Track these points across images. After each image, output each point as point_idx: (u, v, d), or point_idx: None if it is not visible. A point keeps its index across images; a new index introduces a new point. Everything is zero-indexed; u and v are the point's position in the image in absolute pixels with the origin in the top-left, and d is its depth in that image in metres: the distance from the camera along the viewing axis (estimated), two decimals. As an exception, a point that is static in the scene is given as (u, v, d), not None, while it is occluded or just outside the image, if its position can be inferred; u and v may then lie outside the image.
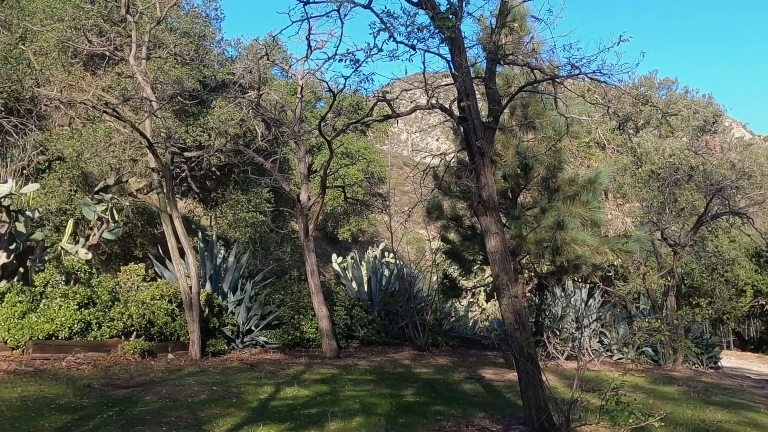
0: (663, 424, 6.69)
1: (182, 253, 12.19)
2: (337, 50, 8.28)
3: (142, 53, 12.94)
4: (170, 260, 12.52)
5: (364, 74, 8.25)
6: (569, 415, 6.48)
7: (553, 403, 6.74)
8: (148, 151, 12.06)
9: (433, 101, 7.53)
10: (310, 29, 10.08)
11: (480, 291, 19.73)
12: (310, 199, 13.47)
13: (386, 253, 20.00)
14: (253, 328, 13.06)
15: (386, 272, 16.48)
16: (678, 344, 14.37)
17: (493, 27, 7.69)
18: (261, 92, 14.12)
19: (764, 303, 30.82)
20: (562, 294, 15.75)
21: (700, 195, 18.55)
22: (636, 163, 28.99)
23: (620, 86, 8.64)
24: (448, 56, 7.22)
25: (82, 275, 11.82)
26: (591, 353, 13.65)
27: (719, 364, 16.70)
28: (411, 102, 9.60)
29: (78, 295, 10.91)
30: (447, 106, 7.53)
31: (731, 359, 24.21)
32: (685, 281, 27.45)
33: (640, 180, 25.79)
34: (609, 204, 21.94)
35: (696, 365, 15.60)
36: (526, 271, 13.14)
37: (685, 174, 21.48)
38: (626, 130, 35.10)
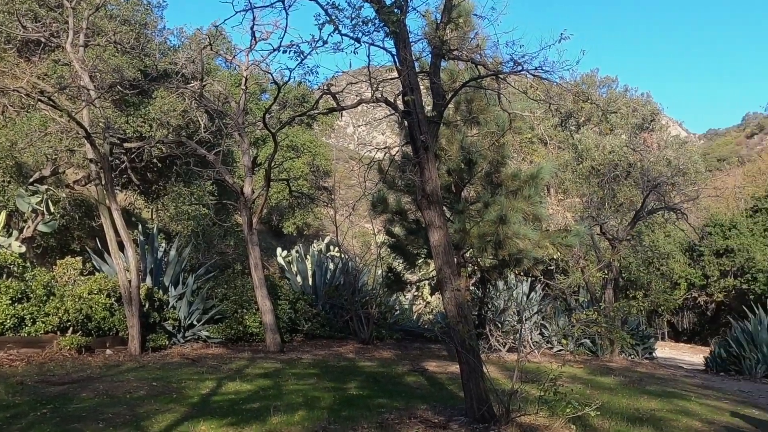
0: (599, 413, 6.88)
1: (121, 247, 11.91)
2: (281, 42, 8.26)
3: (79, 40, 12.55)
4: (109, 254, 12.23)
5: (308, 66, 8.21)
6: (509, 405, 6.60)
7: (493, 395, 6.85)
8: (85, 141, 11.72)
9: (378, 95, 7.53)
10: (254, 19, 10.01)
11: (424, 284, 19.91)
12: (254, 192, 13.32)
13: (331, 247, 19.96)
14: (195, 322, 12.87)
15: (331, 266, 16.45)
16: (614, 336, 14.77)
17: (438, 22, 7.73)
18: (204, 83, 13.88)
19: (697, 296, 32.03)
20: (505, 287, 16.01)
21: (638, 191, 19.09)
22: (577, 159, 29.62)
23: (562, 83, 8.81)
24: (393, 50, 7.24)
25: (16, 269, 11.44)
26: (531, 345, 13.97)
27: (654, 354, 17.26)
28: (357, 95, 9.58)
29: (11, 290, 10.56)
30: (392, 100, 7.55)
31: (665, 350, 25.10)
32: (623, 274, 28.25)
33: (580, 176, 26.39)
34: (551, 199, 22.38)
35: (632, 356, 16.09)
36: (470, 264, 13.29)
37: (623, 170, 22.09)
38: (568, 126, 35.79)
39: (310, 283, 15.93)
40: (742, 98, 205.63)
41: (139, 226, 14.56)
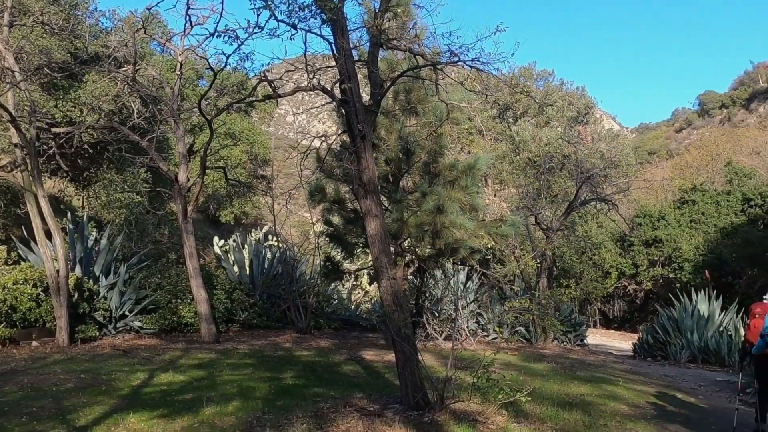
0: (530, 398, 7.05)
1: (49, 235, 11.50)
2: (217, 26, 8.08)
3: (3, 20, 12.00)
4: (36, 242, 11.78)
5: (244, 53, 8.06)
6: (443, 392, 6.68)
7: (428, 382, 6.93)
8: (10, 125, 11.25)
9: (315, 83, 7.47)
10: (188, 3, 9.78)
11: (363, 274, 19.94)
12: (189, 180, 13.05)
13: (270, 236, 19.76)
14: (127, 313, 12.55)
15: (269, 255, 16.28)
16: (546, 323, 15.15)
17: (377, 11, 7.71)
18: (137, 67, 13.47)
19: (627, 284, 33.09)
20: (442, 276, 16.17)
21: (572, 182, 19.55)
22: (514, 150, 30.13)
23: (498, 75, 8.91)
24: (331, 38, 7.18)
25: (-66, 258, 10.92)
26: (467, 333, 14.17)
27: (585, 341, 17.76)
28: (295, 83, 9.48)
29: (-71, 280, 10.08)
30: (329, 88, 7.50)
31: (597, 337, 25.85)
32: (557, 264, 28.97)
33: (517, 167, 26.87)
34: (488, 190, 22.70)
35: (565, 343, 16.51)
36: (408, 254, 13.37)
37: (559, 162, 22.57)
38: (506, 118, 36.36)
39: (248, 272, 15.74)
40: (672, 94, 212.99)
41: (69, 214, 14.07)
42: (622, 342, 23.97)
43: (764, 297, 7.44)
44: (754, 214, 29.54)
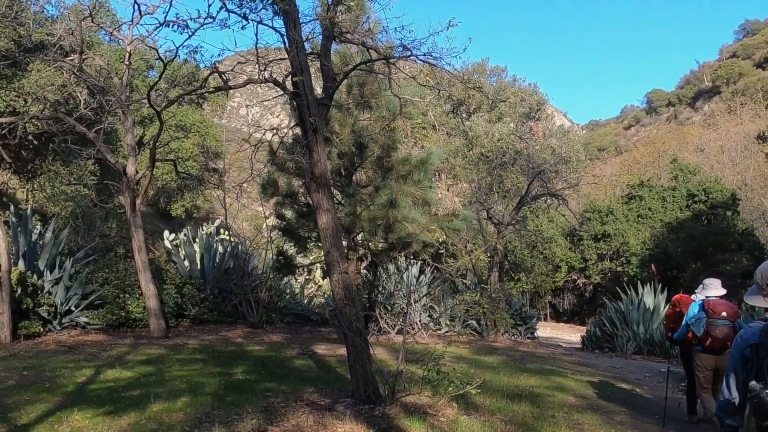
0: (480, 391, 7.13)
1: (-10, 229, 11.13)
2: (167, 16, 7.93)
3: (-59, 5, 11.57)
4: (-24, 236, 11.40)
5: (195, 44, 7.93)
6: (394, 386, 6.71)
7: (380, 376, 6.94)
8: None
9: (267, 75, 7.39)
10: (137, -9, 9.55)
11: (316, 268, 19.88)
12: (138, 173, 12.79)
13: (221, 230, 19.52)
14: (73, 308, 12.25)
15: (220, 249, 16.08)
16: (495, 316, 15.34)
17: (330, 3, 7.66)
18: (84, 56, 13.14)
19: (576, 278, 33.73)
20: (395, 270, 16.22)
21: (524, 177, 19.81)
22: (467, 145, 30.39)
23: (451, 70, 8.96)
24: (283, 30, 7.12)
25: None
26: (420, 327, 14.24)
27: (536, 334, 18.04)
28: (248, 76, 9.37)
29: None
30: (281, 81, 7.43)
31: (547, 330, 26.27)
32: (509, 258, 29.35)
33: (470, 162, 27.09)
34: (441, 184, 22.84)
35: (515, 336, 16.74)
36: (361, 248, 13.37)
37: (511, 157, 22.83)
38: (459, 114, 36.62)
39: (198, 267, 15.52)
40: (622, 92, 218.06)
41: (12, 207, 13.66)
42: (572, 334, 24.42)
43: (701, 293, 7.65)
44: (698, 209, 30.43)
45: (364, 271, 14.84)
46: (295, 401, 6.89)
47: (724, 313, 6.86)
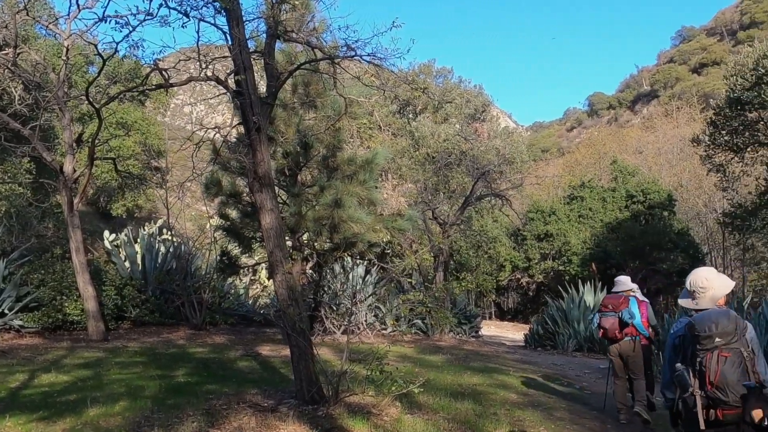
0: (423, 389, 7.19)
1: None
2: (105, 11, 7.74)
3: None
4: None
5: (134, 40, 7.77)
6: (338, 386, 6.70)
7: (323, 376, 6.92)
8: None
9: (209, 73, 7.29)
10: (74, -15, 9.27)
11: (261, 268, 19.68)
12: (76, 171, 12.43)
13: (164, 230, 19.15)
14: (6, 311, 11.83)
15: (162, 250, 15.78)
16: (438, 315, 15.48)
17: (274, 1, 7.60)
18: (19, 51, 12.70)
19: (520, 277, 34.30)
20: (341, 270, 16.20)
21: (469, 178, 20.04)
22: (414, 146, 30.52)
23: (396, 71, 9.00)
24: (225, 27, 7.03)
25: None
26: (365, 327, 14.26)
27: (480, 333, 18.29)
28: (191, 74, 9.21)
29: None
30: (224, 79, 7.33)
31: (491, 328, 26.66)
32: (454, 257, 29.64)
33: (416, 162, 27.23)
34: (387, 184, 22.88)
35: (460, 335, 16.92)
36: (306, 248, 13.31)
37: (456, 158, 23.05)
38: (406, 114, 36.74)
39: (140, 267, 15.18)
40: (565, 95, 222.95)
41: (-59, 206, 13.14)
42: (515, 333, 24.85)
43: (614, 290, 8.14)
44: (636, 210, 31.34)
45: (310, 271, 14.79)
46: (237, 403, 6.81)
47: (610, 306, 7.71)
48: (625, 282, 8.06)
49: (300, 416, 6.27)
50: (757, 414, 3.32)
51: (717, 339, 3.51)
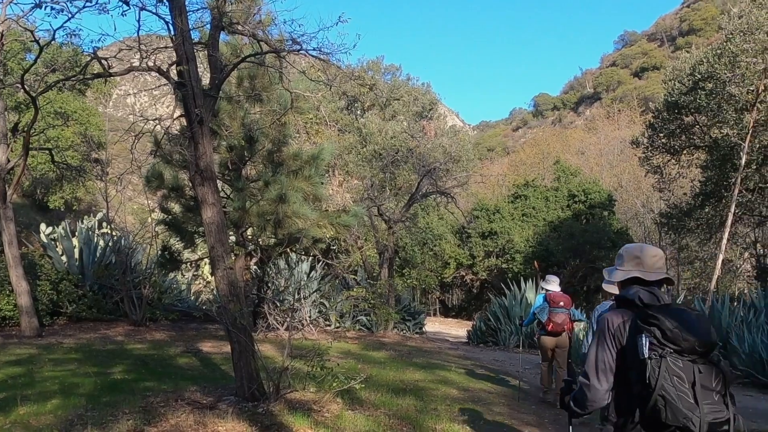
0: (365, 386, 7.20)
1: None
2: (42, -4, 7.48)
3: None
4: None
5: (71, 28, 7.54)
6: (279, 383, 6.65)
7: (264, 373, 6.86)
8: None
9: (151, 63, 7.13)
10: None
11: (205, 263, 19.37)
12: (9, 162, 12.00)
13: (104, 224, 18.64)
14: (-67, 306, 11.37)
15: (101, 243, 15.37)
16: (380, 312, 15.54)
17: (219, -8, 7.47)
18: (-50, 35, 12.17)
19: (464, 274, 34.66)
20: (286, 266, 16.09)
21: (416, 175, 20.11)
22: (361, 142, 30.50)
23: (343, 66, 8.98)
24: (168, 17, 6.88)
25: None
26: (309, 323, 14.20)
27: (424, 329, 18.41)
28: (131, 63, 8.98)
29: None
30: (166, 69, 7.17)
31: (435, 325, 26.85)
32: (400, 254, 29.76)
33: (364, 159, 27.22)
34: (335, 180, 22.80)
35: (404, 331, 17.02)
36: (250, 243, 13.17)
37: (403, 155, 23.12)
38: (354, 110, 36.68)
39: (77, 262, 14.76)
40: (511, 95, 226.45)
41: None
42: (459, 329, 25.08)
43: (544, 287, 8.87)
44: (577, 209, 32.02)
45: (254, 267, 14.64)
46: (175, 400, 6.69)
47: (561, 303, 8.44)
48: (557, 282, 8.89)
49: (239, 413, 6.20)
50: None
51: None
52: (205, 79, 7.93)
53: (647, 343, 2.59)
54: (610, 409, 2.93)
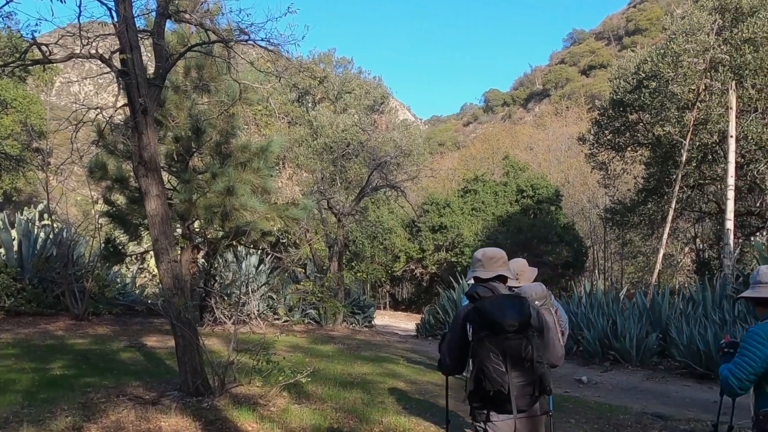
0: (312, 379, 7.18)
1: None
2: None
3: None
4: None
5: (6, 11, 7.29)
6: (224, 377, 6.58)
7: (210, 367, 6.78)
8: None
9: (93, 50, 6.92)
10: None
11: (150, 256, 19.02)
12: (-57, 150, 11.55)
13: (45, 215, 18.11)
14: None
15: (42, 236, 14.92)
16: (327, 305, 15.52)
17: (165, -21, 7.31)
18: None
19: (414, 268, 34.86)
20: (234, 259, 15.91)
21: (367, 168, 20.11)
22: (312, 135, 30.32)
23: (293, 58, 8.89)
24: (111, 3, 6.70)
25: None
26: (257, 316, 14.07)
27: (373, 322, 18.46)
28: (74, 50, 8.71)
29: None
30: (108, 57, 6.98)
31: (385, 318, 26.96)
32: (350, 248, 29.74)
33: (314, 152, 27.08)
34: (284, 173, 22.60)
35: (353, 324, 17.03)
36: (198, 236, 12.96)
37: (355, 149, 23.08)
38: (305, 103, 36.42)
39: (15, 254, 14.30)
40: (462, 90, 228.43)
41: None
42: (408, 322, 25.22)
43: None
44: (525, 204, 32.54)
45: (201, 260, 14.44)
46: (117, 396, 6.54)
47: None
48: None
49: (183, 408, 6.10)
50: None
51: None
52: (151, 69, 7.76)
53: (471, 329, 3.32)
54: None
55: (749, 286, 3.60)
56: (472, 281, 3.61)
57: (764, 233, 17.35)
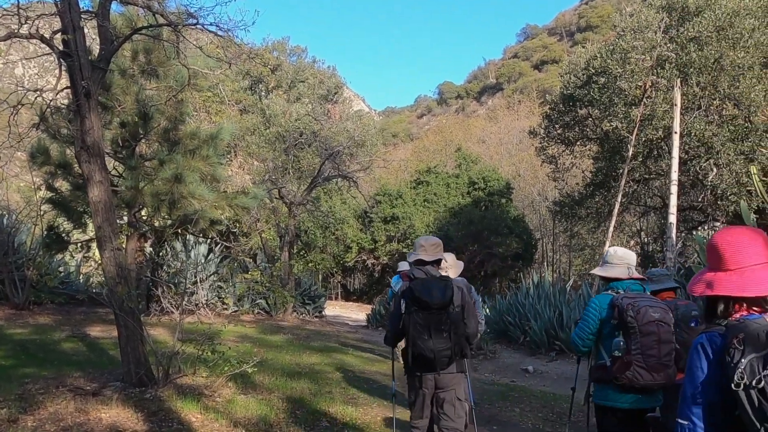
0: (260, 369, 7.12)
1: None
2: None
3: None
4: None
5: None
6: (168, 367, 6.47)
7: (154, 357, 6.66)
8: None
9: (33, 30, 6.68)
10: None
11: (95, 244, 18.54)
12: None
13: (-16, 202, 17.47)
14: None
15: (-19, 222, 14.41)
16: (276, 295, 15.42)
17: (110, -41, 7.10)
18: None
19: (366, 258, 34.87)
20: (183, 248, 15.64)
21: (319, 158, 19.99)
22: (264, 124, 29.98)
23: (246, 45, 8.75)
24: (53, -19, 6.48)
25: None
26: (206, 306, 13.90)
27: (324, 313, 18.42)
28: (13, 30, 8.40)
29: None
30: (49, 37, 6.74)
31: (336, 308, 26.93)
32: (301, 238, 29.58)
33: (266, 140, 26.78)
34: (235, 162, 22.29)
35: (304, 314, 16.95)
36: (145, 224, 12.70)
37: (307, 138, 22.91)
38: (258, 91, 35.98)
39: (-48, 241, 13.78)
40: (417, 82, 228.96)
41: None
42: (359, 313, 25.26)
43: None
44: (477, 196, 32.85)
45: (149, 248, 14.16)
46: (56, 387, 6.37)
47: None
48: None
49: (125, 399, 5.98)
50: None
51: None
52: (96, 51, 7.53)
53: (403, 304, 4.17)
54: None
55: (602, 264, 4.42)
56: (405, 266, 4.10)
57: (705, 228, 17.86)
